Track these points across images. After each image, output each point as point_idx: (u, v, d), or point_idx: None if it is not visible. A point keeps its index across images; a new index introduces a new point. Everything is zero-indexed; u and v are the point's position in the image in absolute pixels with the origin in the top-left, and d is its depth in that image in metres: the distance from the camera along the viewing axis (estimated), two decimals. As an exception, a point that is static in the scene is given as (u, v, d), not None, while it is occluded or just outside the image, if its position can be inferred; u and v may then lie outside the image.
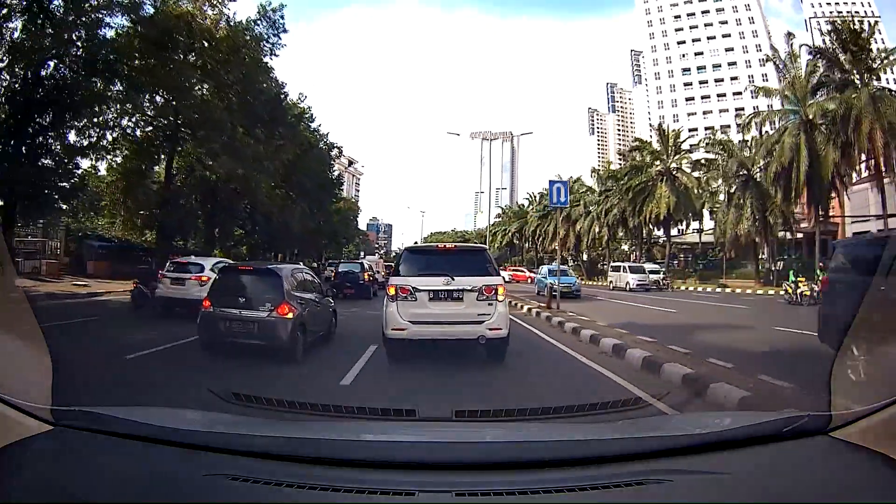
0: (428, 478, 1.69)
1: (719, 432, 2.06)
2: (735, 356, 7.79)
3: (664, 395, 5.68)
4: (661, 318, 15.81)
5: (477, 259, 8.36)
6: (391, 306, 7.65)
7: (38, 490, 1.56)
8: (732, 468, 1.72)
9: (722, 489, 1.64)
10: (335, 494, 1.57)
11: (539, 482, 1.65)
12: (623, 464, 1.76)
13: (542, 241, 62.74)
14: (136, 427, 1.93)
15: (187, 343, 8.97)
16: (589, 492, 1.58)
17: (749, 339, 10.78)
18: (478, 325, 7.55)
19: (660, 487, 1.62)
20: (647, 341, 9.22)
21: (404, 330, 7.52)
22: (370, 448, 2.08)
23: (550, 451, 1.93)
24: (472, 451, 2.01)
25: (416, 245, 12.82)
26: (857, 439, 1.73)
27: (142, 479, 1.68)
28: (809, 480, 1.69)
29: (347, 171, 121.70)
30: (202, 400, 4.05)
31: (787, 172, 30.12)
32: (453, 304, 7.65)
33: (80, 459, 1.76)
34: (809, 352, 7.99)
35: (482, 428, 3.17)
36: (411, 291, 7.64)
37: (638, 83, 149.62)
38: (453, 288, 7.64)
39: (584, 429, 2.99)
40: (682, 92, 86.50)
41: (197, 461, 1.76)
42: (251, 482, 1.63)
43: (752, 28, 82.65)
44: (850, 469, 1.70)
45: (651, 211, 42.41)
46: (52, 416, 1.85)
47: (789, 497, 1.59)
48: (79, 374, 4.31)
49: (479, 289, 7.65)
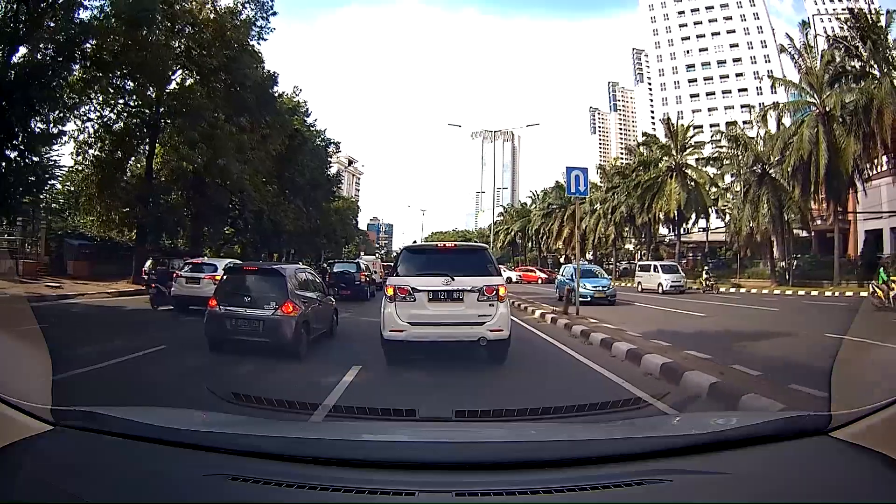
0: (428, 478, 1.71)
1: (719, 432, 2.06)
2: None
3: (664, 395, 5.63)
4: (695, 325, 13.93)
5: (477, 258, 8.23)
6: (389, 307, 7.56)
7: (38, 490, 1.56)
8: (732, 468, 1.73)
9: (722, 489, 1.65)
10: (335, 494, 1.58)
11: (539, 482, 1.66)
12: (623, 464, 1.76)
13: (545, 240, 61.04)
14: (136, 427, 1.94)
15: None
16: (589, 492, 1.59)
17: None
18: (478, 326, 7.44)
19: (660, 487, 1.63)
20: (702, 358, 7.70)
21: (403, 332, 7.43)
22: (370, 448, 2.08)
23: (550, 451, 1.94)
24: (472, 451, 2.02)
25: (415, 244, 12.65)
26: (857, 439, 1.74)
27: (142, 479, 1.69)
28: (809, 480, 1.69)
29: (347, 171, 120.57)
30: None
31: (805, 166, 29.26)
32: (453, 305, 7.54)
33: (80, 459, 1.78)
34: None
35: (482, 428, 3.22)
36: (410, 292, 7.53)
37: (640, 82, 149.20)
38: (453, 288, 7.52)
39: (584, 429, 3.02)
40: (686, 88, 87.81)
41: (197, 461, 1.77)
42: (251, 482, 1.64)
43: (756, 24, 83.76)
44: (850, 469, 1.70)
45: (661, 208, 40.67)
46: (52, 416, 1.86)
47: (789, 497, 1.60)
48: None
49: (480, 289, 7.54)
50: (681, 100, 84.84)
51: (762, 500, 1.61)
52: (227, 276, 9.56)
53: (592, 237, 51.85)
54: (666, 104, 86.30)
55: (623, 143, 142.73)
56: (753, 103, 55.58)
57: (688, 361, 7.39)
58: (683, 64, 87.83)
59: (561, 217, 57.65)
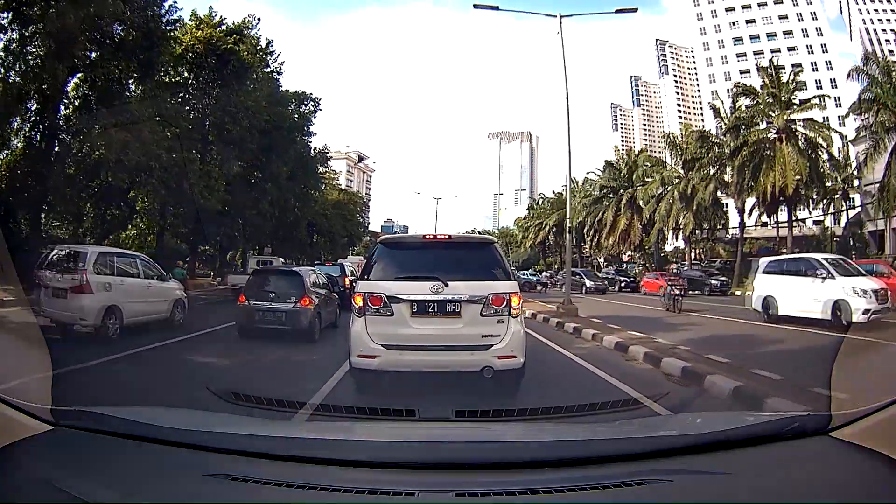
0: (428, 478, 1.72)
1: (719, 432, 2.03)
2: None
3: (663, 396, 5.37)
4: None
5: (481, 256, 6.16)
6: (357, 323, 5.79)
7: (38, 490, 1.56)
8: (732, 468, 1.72)
9: (722, 489, 1.64)
10: (335, 494, 1.58)
11: (540, 482, 1.65)
12: (623, 464, 1.76)
13: (594, 236, 45.76)
14: (136, 427, 1.97)
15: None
16: (589, 492, 1.59)
17: None
18: (482, 351, 5.58)
19: (660, 487, 1.63)
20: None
21: (375, 358, 5.60)
22: (370, 448, 2.06)
23: (551, 451, 1.94)
24: (472, 451, 2.02)
25: (394, 236, 10.55)
26: (857, 439, 1.74)
27: (142, 479, 1.71)
28: (809, 480, 1.68)
29: (357, 168, 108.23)
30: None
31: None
32: (446, 322, 5.63)
33: (80, 459, 1.79)
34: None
35: (482, 428, 3.15)
36: (385, 302, 5.62)
37: (665, 74, 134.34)
38: (446, 297, 5.58)
39: (585, 429, 2.99)
40: (735, 64, 78.03)
41: (197, 461, 1.79)
42: (251, 482, 1.65)
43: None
44: (850, 469, 1.71)
45: (773, 182, 26.16)
46: (52, 416, 1.90)
47: (789, 497, 1.59)
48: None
49: (485, 299, 5.62)
50: (730, 76, 75.37)
51: (763, 500, 1.60)
52: (254, 276, 12.10)
53: (666, 227, 37.39)
54: (713, 81, 78.68)
55: (647, 139, 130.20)
56: (809, 80, 41.53)
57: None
58: (730, 36, 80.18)
59: (616, 204, 42.73)
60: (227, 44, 26.07)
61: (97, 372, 7.12)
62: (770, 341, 11.46)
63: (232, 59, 25.96)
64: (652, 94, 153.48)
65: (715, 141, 36.39)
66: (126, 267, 10.97)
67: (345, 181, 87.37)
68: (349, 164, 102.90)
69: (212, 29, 26.43)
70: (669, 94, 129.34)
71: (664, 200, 38.73)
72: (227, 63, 25.86)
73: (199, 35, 25.84)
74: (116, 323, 9.80)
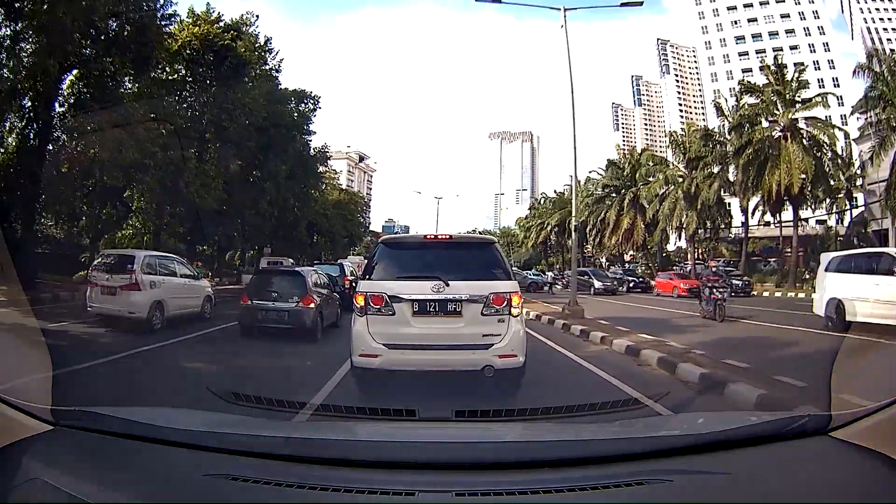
0: (428, 478, 1.71)
1: (719, 432, 2.03)
2: None
3: (663, 396, 5.32)
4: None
5: (482, 256, 6.26)
6: (359, 322, 5.89)
7: (38, 490, 1.55)
8: (732, 468, 1.72)
9: (722, 489, 1.65)
10: (335, 494, 1.58)
11: (539, 482, 1.66)
12: (623, 464, 1.76)
13: (597, 235, 45.16)
14: (136, 427, 1.97)
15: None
16: (589, 492, 1.59)
17: None
18: (483, 350, 5.65)
19: (660, 487, 1.63)
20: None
21: (377, 357, 5.69)
22: (370, 448, 2.06)
23: (551, 450, 1.94)
24: (472, 451, 2.02)
25: (395, 236, 11.19)
26: (857, 439, 1.74)
27: (142, 479, 1.71)
28: (809, 480, 1.68)
29: (358, 167, 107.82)
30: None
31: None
32: (447, 321, 5.73)
33: (80, 459, 1.80)
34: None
35: (483, 428, 3.14)
36: (387, 302, 5.72)
37: (666, 73, 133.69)
38: (447, 297, 5.68)
39: (585, 429, 2.99)
40: (737, 63, 77.69)
41: (197, 461, 1.79)
42: (251, 482, 1.65)
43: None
44: (850, 469, 1.71)
45: (779, 181, 25.67)
46: (52, 416, 1.90)
47: (789, 497, 1.59)
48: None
49: (485, 299, 5.71)
50: (732, 74, 75.46)
51: (763, 500, 1.60)
52: (256, 277, 12.47)
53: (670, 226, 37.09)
54: (716, 80, 79.07)
55: (649, 138, 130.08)
56: (812, 79, 41.37)
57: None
58: (732, 35, 79.96)
59: (619, 203, 42.02)
60: (225, 40, 25.44)
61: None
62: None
63: (229, 55, 25.35)
64: (653, 93, 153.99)
65: (718, 139, 36.14)
66: (167, 267, 12.62)
67: (345, 181, 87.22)
68: (350, 163, 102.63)
69: (209, 25, 25.72)
70: (671, 93, 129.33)
71: (667, 200, 38.13)
72: (224, 60, 25.28)
73: (196, 31, 25.15)
74: (162, 315, 11.44)
